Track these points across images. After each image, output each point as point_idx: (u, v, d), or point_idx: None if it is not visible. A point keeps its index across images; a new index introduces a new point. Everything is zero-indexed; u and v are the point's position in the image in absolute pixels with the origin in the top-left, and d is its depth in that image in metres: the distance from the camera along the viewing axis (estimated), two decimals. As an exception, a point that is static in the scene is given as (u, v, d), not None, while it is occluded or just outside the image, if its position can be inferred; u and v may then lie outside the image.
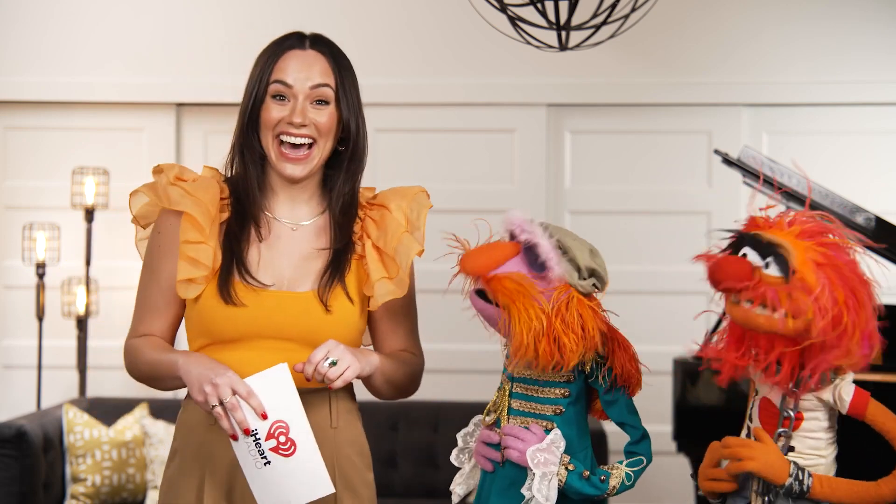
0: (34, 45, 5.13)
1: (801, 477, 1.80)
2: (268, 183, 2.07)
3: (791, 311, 1.72)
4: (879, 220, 3.70)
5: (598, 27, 3.16)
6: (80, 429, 4.31)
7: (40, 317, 4.83)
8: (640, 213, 5.05)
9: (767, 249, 1.78)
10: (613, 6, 3.13)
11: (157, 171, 2.07)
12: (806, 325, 1.73)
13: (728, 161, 3.88)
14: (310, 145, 2.04)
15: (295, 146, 2.03)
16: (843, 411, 1.82)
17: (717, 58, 5.09)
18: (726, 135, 5.07)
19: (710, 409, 4.05)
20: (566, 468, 1.92)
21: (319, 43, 2.08)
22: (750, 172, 3.84)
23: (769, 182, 3.80)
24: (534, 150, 5.11)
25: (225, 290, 1.97)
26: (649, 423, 2.05)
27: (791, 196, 3.78)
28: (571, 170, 5.19)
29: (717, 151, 3.97)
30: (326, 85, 2.04)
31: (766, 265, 1.76)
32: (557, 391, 1.96)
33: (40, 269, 4.80)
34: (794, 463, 1.82)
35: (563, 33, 3.18)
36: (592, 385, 1.98)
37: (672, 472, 4.89)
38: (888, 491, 1.78)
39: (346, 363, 1.93)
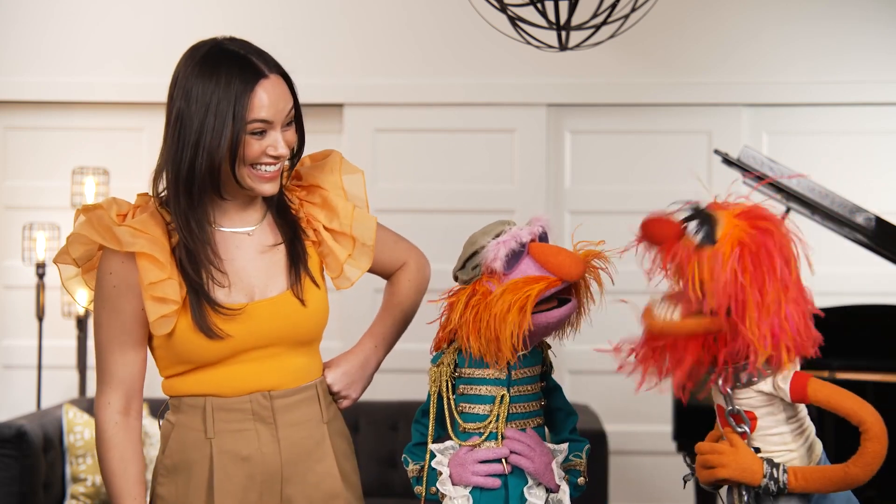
0: (34, 45, 5.13)
1: (775, 475, 1.79)
2: (215, 200, 2.00)
3: (692, 278, 1.73)
4: (879, 220, 3.70)
5: (598, 27, 3.16)
6: (80, 429, 4.31)
7: (40, 317, 4.83)
8: (640, 213, 5.02)
9: (703, 219, 1.78)
10: (613, 6, 3.13)
11: (88, 209, 1.98)
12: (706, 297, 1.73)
13: (728, 161, 3.88)
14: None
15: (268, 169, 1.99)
16: (788, 400, 1.81)
17: (717, 58, 5.09)
18: (726, 135, 5.07)
19: (709, 409, 4.04)
20: (564, 481, 1.97)
21: (272, 63, 1.99)
22: (750, 172, 3.84)
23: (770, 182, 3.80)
24: (534, 150, 5.11)
25: (203, 325, 1.92)
26: (649, 423, 2.07)
27: (791, 196, 3.78)
28: (571, 170, 5.19)
29: (717, 151, 3.97)
30: (293, 107, 2.00)
31: (696, 232, 1.77)
32: (539, 385, 2.01)
33: (40, 269, 4.80)
34: (767, 461, 1.81)
35: (563, 33, 3.18)
36: (545, 374, 2.04)
37: (672, 472, 4.89)
38: (857, 470, 1.75)
39: (344, 395, 2.11)
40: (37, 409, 4.80)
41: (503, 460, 1.94)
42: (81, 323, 4.86)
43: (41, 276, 4.81)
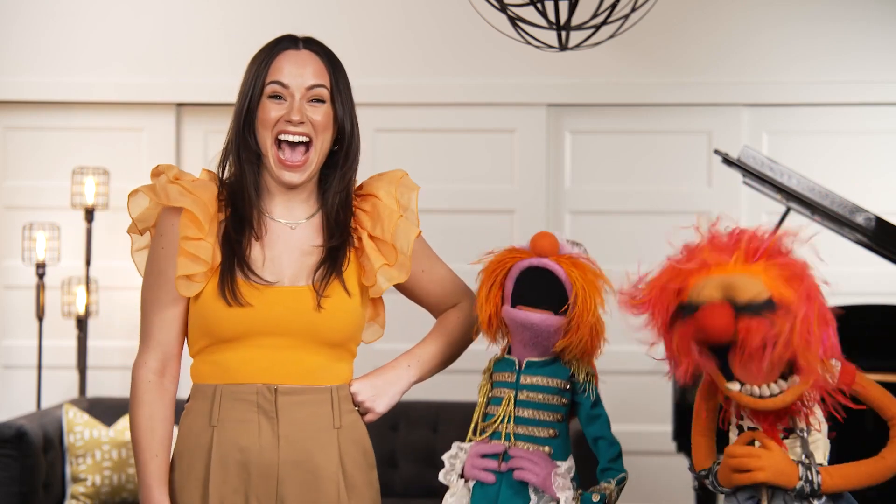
0: (34, 45, 5.13)
1: (810, 477, 1.80)
2: (264, 184, 2.08)
3: (783, 343, 1.72)
4: (879, 220, 3.70)
5: (598, 27, 3.16)
6: (80, 429, 4.31)
7: (40, 317, 4.83)
8: (640, 213, 5.05)
9: (755, 306, 1.75)
10: (613, 6, 3.13)
11: (156, 172, 2.07)
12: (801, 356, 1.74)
13: (728, 161, 3.88)
14: (306, 146, 2.05)
15: (293, 146, 2.04)
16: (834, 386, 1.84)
17: (717, 58, 5.09)
18: (726, 135, 5.07)
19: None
20: (576, 492, 1.98)
21: (312, 44, 2.11)
22: (750, 172, 3.84)
23: (769, 182, 3.81)
24: (534, 150, 5.11)
25: (228, 290, 1.98)
26: (649, 423, 2.07)
27: (791, 196, 3.78)
28: (571, 170, 5.18)
29: (717, 151, 3.98)
30: (322, 85, 2.07)
31: (758, 313, 1.75)
32: (558, 399, 2.01)
33: (40, 269, 4.80)
34: (801, 464, 1.81)
35: (563, 33, 3.18)
36: (578, 400, 2.03)
37: (672, 472, 4.89)
38: (893, 460, 1.80)
39: (368, 406, 2.10)
40: (37, 409, 4.80)
41: (499, 457, 1.96)
42: (81, 323, 4.86)
43: (41, 276, 4.81)
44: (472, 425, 2.05)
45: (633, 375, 4.91)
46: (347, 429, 2.06)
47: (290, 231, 2.07)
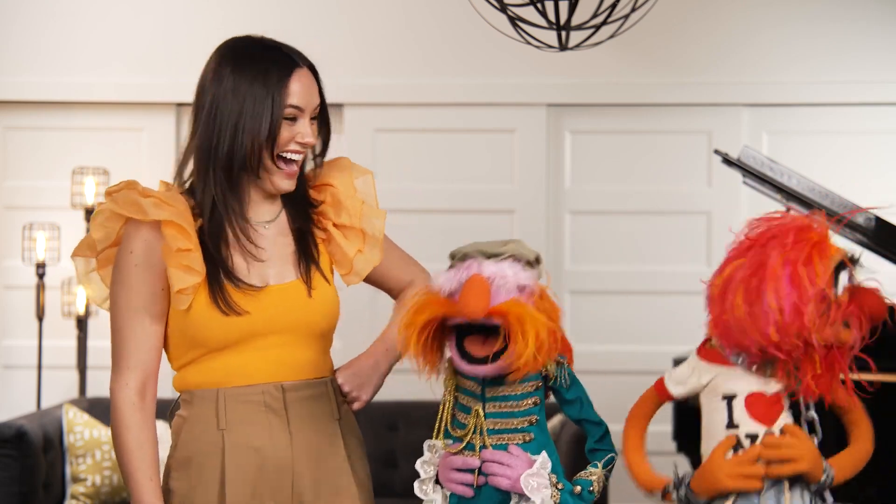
0: (34, 45, 5.13)
1: (828, 469, 1.80)
2: (242, 190, 2.05)
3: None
4: (879, 220, 3.70)
5: (598, 27, 3.16)
6: (80, 429, 4.31)
7: (40, 317, 4.83)
8: (640, 213, 5.05)
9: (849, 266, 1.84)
10: (613, 6, 3.14)
11: (114, 190, 2.02)
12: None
13: (728, 161, 3.88)
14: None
15: (292, 161, 2.03)
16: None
17: (717, 58, 5.10)
18: (726, 135, 5.07)
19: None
20: (556, 488, 1.92)
21: (304, 57, 2.10)
22: (750, 172, 3.84)
23: (769, 182, 3.81)
24: (534, 150, 5.11)
25: (221, 300, 1.96)
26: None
27: (791, 196, 3.79)
28: (571, 170, 5.19)
29: (717, 151, 3.98)
30: (321, 104, 2.08)
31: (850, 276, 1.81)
32: (529, 401, 1.95)
33: (40, 269, 4.81)
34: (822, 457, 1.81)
35: (563, 33, 3.18)
36: (553, 387, 1.98)
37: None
38: (867, 444, 1.83)
39: (354, 395, 2.08)
40: (37, 409, 4.81)
41: (475, 472, 1.92)
42: (81, 323, 4.86)
43: (41, 276, 4.81)
44: (437, 424, 1.99)
45: (633, 375, 4.91)
46: (345, 419, 2.08)
47: (263, 231, 2.06)
